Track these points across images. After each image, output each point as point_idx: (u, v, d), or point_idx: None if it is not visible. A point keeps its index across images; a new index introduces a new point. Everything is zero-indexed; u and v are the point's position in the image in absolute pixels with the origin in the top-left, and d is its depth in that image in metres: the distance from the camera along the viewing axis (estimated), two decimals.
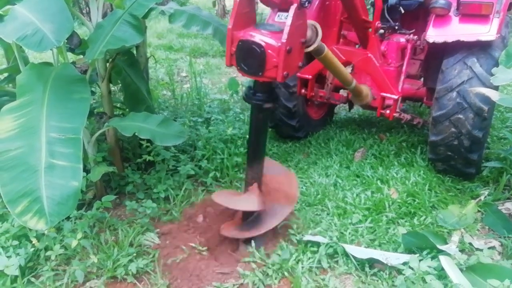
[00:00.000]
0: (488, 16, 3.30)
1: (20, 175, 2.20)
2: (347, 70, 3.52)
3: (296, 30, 2.26)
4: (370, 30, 3.73)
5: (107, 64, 3.31)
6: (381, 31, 4.02)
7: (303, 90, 4.09)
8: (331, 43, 3.95)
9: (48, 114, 2.38)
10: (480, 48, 3.32)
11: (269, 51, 2.20)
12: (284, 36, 2.18)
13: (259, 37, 2.23)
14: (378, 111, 3.82)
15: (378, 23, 3.67)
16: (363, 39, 3.82)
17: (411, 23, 4.43)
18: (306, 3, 2.22)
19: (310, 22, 2.48)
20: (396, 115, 3.77)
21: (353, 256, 2.68)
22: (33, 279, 2.56)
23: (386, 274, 2.60)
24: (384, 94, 3.70)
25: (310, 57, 3.98)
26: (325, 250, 2.74)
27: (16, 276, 2.50)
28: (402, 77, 3.89)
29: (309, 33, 2.46)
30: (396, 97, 3.67)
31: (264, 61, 2.21)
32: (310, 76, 3.97)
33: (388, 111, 3.77)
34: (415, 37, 4.05)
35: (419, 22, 4.38)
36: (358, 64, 3.84)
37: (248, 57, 2.26)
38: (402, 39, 4.11)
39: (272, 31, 2.27)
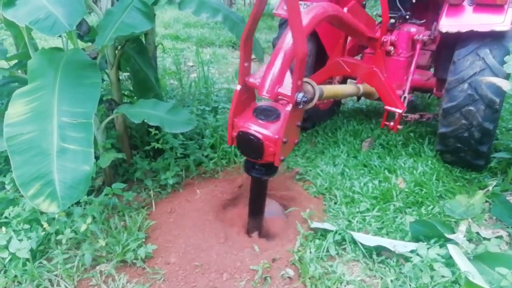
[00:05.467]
0: (503, 6, 3.26)
1: (33, 159, 2.22)
2: (351, 88, 3.61)
3: (291, 122, 2.39)
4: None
5: (116, 51, 3.31)
6: (392, 20, 4.00)
7: None
8: (336, 55, 3.94)
9: (59, 99, 2.40)
10: (493, 39, 3.29)
11: (266, 142, 2.34)
12: (281, 131, 2.31)
13: (257, 129, 2.37)
14: (383, 123, 3.81)
15: (384, 38, 3.66)
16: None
17: (422, 13, 4.40)
18: (302, 104, 2.31)
19: (306, 81, 2.57)
20: (399, 127, 3.76)
21: (361, 244, 2.70)
22: (44, 262, 2.60)
23: (393, 261, 2.61)
24: (389, 108, 3.67)
25: (315, 66, 4.00)
26: (333, 237, 2.76)
27: (27, 259, 2.54)
28: (412, 70, 3.88)
29: (309, 89, 2.57)
30: (400, 111, 3.63)
31: (262, 150, 2.36)
32: None
33: (392, 123, 3.74)
34: (425, 36, 4.03)
35: (430, 12, 4.36)
36: (363, 78, 3.81)
37: (247, 145, 2.41)
38: (413, 29, 4.09)
39: (268, 121, 2.38)
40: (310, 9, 2.63)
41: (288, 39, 2.42)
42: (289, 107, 2.32)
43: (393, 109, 3.65)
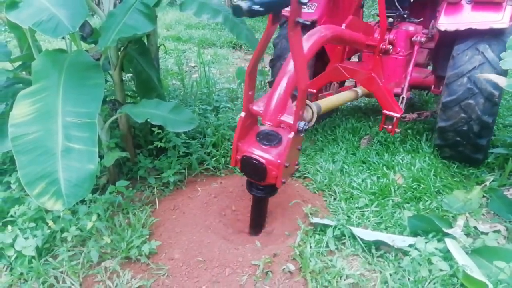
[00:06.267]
0: (501, 3, 3.31)
1: (38, 158, 2.27)
2: (348, 94, 3.71)
3: (293, 148, 2.50)
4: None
5: (119, 53, 3.37)
6: (390, 20, 4.05)
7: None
8: (335, 61, 4.01)
9: (63, 99, 2.45)
10: (492, 35, 3.32)
11: (269, 166, 2.47)
12: (283, 156, 2.43)
13: (260, 154, 2.50)
14: (381, 126, 3.87)
15: (383, 45, 3.70)
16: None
17: (420, 11, 4.44)
18: (303, 132, 2.42)
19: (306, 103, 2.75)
20: (397, 130, 3.82)
21: (360, 238, 2.75)
22: (50, 259, 2.64)
23: (392, 255, 2.66)
24: (387, 113, 3.73)
25: (316, 66, 4.05)
26: (333, 232, 2.81)
27: (33, 257, 2.58)
28: (411, 67, 3.93)
29: (308, 115, 2.81)
30: (398, 115, 3.68)
31: (265, 173, 2.49)
32: (315, 91, 3.99)
33: (390, 126, 3.79)
34: (423, 38, 4.08)
35: (428, 11, 4.40)
36: (362, 83, 3.88)
37: (251, 168, 2.54)
38: (411, 28, 4.13)
39: (271, 146, 2.51)
40: (310, 36, 2.73)
41: (290, 67, 2.53)
42: (291, 135, 2.43)
43: (391, 113, 3.70)
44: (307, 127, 2.46)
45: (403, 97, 3.84)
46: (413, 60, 4.02)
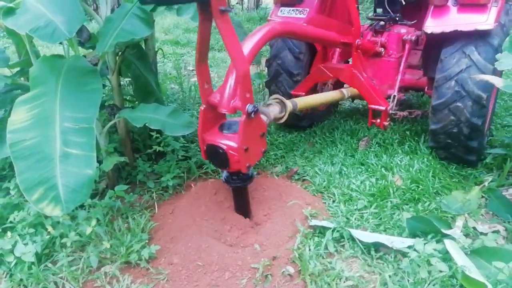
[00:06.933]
0: (486, 5, 3.32)
1: (36, 164, 2.28)
2: (332, 94, 3.82)
3: (250, 131, 2.63)
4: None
5: (117, 57, 3.38)
6: (382, 22, 4.09)
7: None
8: (317, 62, 4.10)
9: (61, 105, 2.46)
10: (479, 36, 3.34)
11: (230, 151, 2.59)
12: (239, 139, 2.56)
13: (221, 141, 2.63)
14: (369, 121, 3.92)
15: (358, 41, 3.78)
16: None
17: (412, 14, 4.46)
18: (253, 114, 2.53)
19: (275, 97, 3.06)
20: (386, 123, 3.86)
21: (359, 240, 2.75)
22: (49, 265, 2.65)
23: (391, 257, 2.66)
24: (373, 107, 3.81)
25: (311, 65, 4.10)
26: (332, 234, 2.81)
27: (33, 263, 2.59)
28: (402, 68, 3.97)
29: (276, 109, 2.99)
30: (384, 108, 3.76)
31: (227, 159, 2.61)
32: (304, 93, 4.01)
33: (378, 120, 3.86)
34: (414, 36, 4.14)
35: (421, 13, 4.42)
36: (345, 80, 3.97)
37: (215, 156, 2.67)
38: (403, 30, 4.16)
39: (232, 133, 2.64)
40: (257, 30, 2.86)
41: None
42: (242, 118, 2.56)
43: (376, 107, 3.78)
44: (256, 109, 2.55)
45: (394, 95, 3.88)
46: (405, 59, 4.07)
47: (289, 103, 3.06)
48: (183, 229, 2.92)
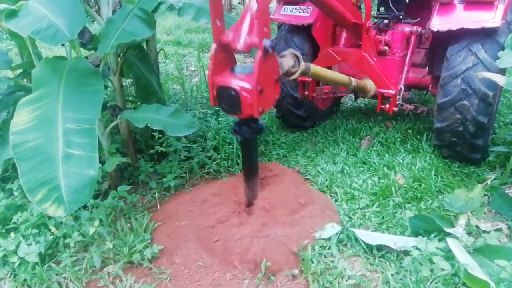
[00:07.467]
0: (493, 2, 3.30)
1: (39, 165, 2.30)
2: (341, 75, 3.61)
3: (266, 71, 2.43)
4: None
5: (119, 58, 3.39)
6: (386, 21, 4.07)
7: (306, 92, 4.15)
8: (326, 45, 4.03)
9: (63, 106, 2.48)
10: (485, 34, 3.32)
11: (243, 93, 2.39)
12: (254, 79, 2.35)
13: (234, 82, 2.43)
14: (378, 107, 3.89)
15: (369, 23, 3.70)
16: (359, 37, 3.86)
17: (416, 12, 4.45)
18: (270, 49, 2.35)
19: (290, 51, 2.74)
20: (395, 109, 3.84)
21: (362, 241, 2.74)
22: (53, 265, 2.66)
23: (393, 256, 2.65)
24: (382, 90, 3.77)
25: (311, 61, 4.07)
26: (337, 237, 2.80)
27: (36, 263, 2.60)
28: (406, 67, 3.94)
29: (290, 62, 2.70)
30: (393, 92, 3.72)
31: (239, 102, 2.42)
32: (310, 79, 3.99)
33: (387, 106, 3.83)
34: (419, 28, 4.10)
35: (424, 11, 4.41)
36: (354, 64, 3.91)
37: (226, 99, 2.47)
38: (407, 29, 4.15)
39: (245, 74, 2.44)
40: None
41: None
42: (259, 54, 2.34)
43: (386, 91, 3.75)
44: (274, 45, 2.38)
45: (401, 88, 3.87)
46: (409, 57, 4.04)
47: (301, 57, 2.80)
48: (185, 229, 2.93)
